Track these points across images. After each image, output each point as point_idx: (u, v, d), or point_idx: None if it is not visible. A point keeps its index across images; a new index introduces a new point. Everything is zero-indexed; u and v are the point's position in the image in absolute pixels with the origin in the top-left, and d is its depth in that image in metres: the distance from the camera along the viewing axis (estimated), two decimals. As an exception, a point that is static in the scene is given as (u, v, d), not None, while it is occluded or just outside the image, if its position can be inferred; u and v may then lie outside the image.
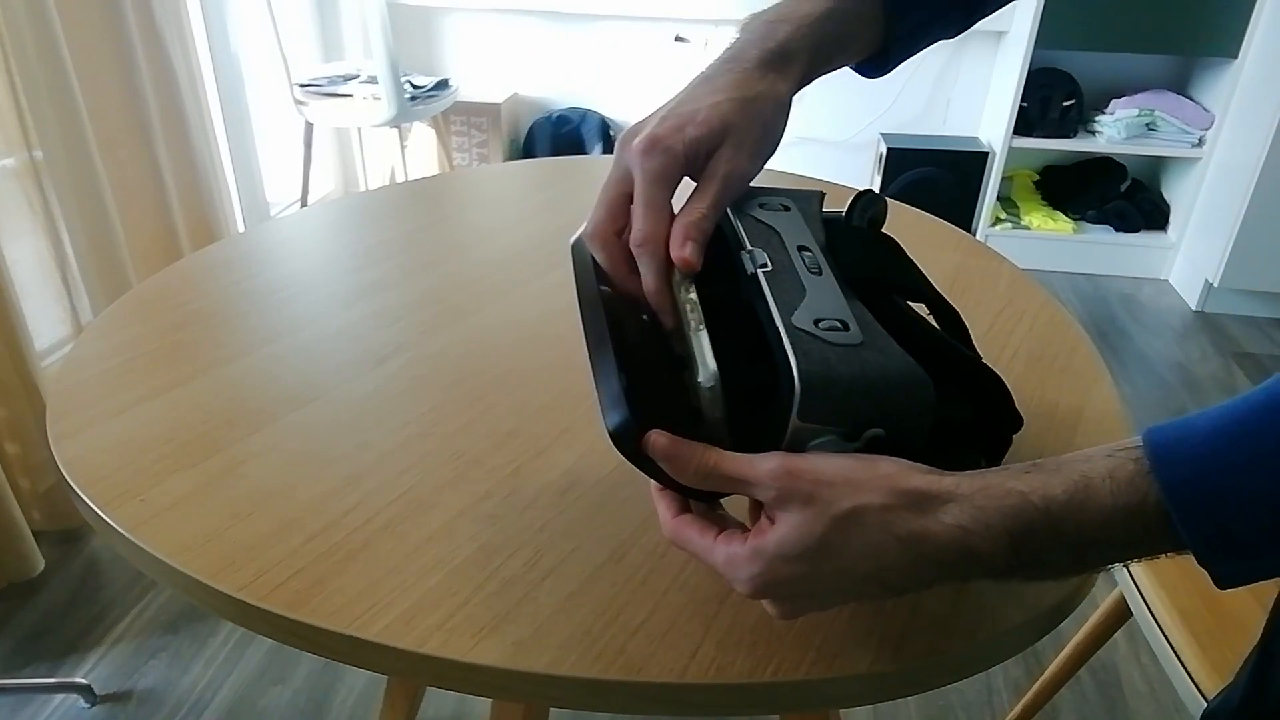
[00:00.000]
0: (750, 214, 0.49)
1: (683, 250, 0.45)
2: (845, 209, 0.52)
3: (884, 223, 0.53)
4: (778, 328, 0.42)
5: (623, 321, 0.46)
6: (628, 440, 0.42)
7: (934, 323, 0.51)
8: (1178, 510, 0.35)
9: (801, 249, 0.47)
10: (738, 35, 0.53)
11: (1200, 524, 0.35)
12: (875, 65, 0.58)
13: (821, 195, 0.52)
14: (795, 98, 0.53)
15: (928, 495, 0.38)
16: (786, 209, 0.50)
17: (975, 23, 0.61)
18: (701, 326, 0.43)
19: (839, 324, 0.43)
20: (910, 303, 0.51)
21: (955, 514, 0.38)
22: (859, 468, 0.39)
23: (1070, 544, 0.37)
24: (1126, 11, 2.40)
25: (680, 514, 0.44)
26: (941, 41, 0.61)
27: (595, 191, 0.49)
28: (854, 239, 0.50)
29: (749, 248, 0.47)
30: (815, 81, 0.54)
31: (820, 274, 0.45)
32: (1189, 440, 0.36)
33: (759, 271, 0.45)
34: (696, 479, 0.42)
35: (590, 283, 0.48)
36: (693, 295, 0.44)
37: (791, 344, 0.41)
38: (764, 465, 0.40)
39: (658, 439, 0.42)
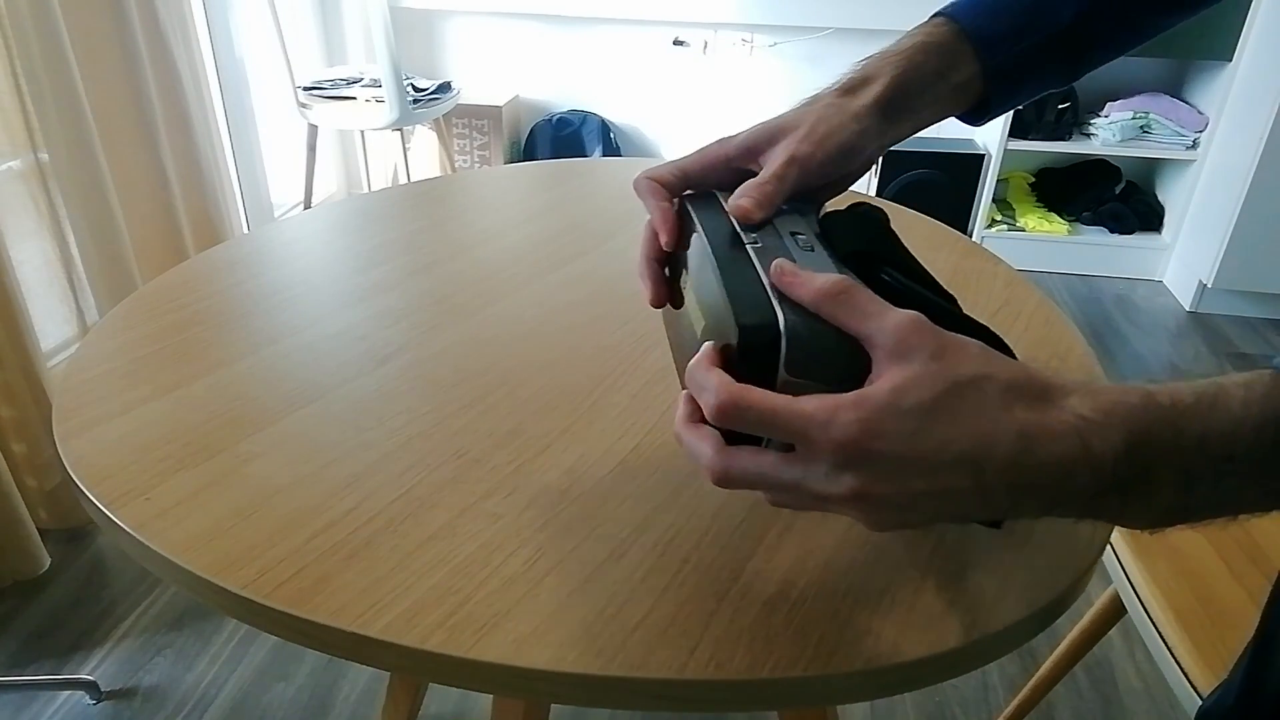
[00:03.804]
0: None
1: (739, 200, 0.48)
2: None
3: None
4: (764, 286, 0.42)
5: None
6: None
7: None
8: None
9: (794, 233, 0.47)
10: None
11: None
12: (978, 112, 0.59)
13: (819, 203, 0.52)
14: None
15: (1052, 386, 0.37)
16: (781, 209, 0.50)
17: (1084, 73, 0.60)
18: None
19: None
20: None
21: (1075, 404, 0.36)
22: (987, 348, 0.38)
23: (1187, 457, 0.35)
24: (1124, 14, 2.40)
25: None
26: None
27: (596, 193, 0.50)
28: (846, 220, 0.50)
29: (739, 229, 0.47)
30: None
31: (813, 251, 0.45)
32: None
33: (749, 246, 0.45)
34: (822, 298, 0.39)
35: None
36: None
37: (778, 300, 0.41)
38: (894, 316, 0.38)
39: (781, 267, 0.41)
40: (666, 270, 0.53)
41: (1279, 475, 0.35)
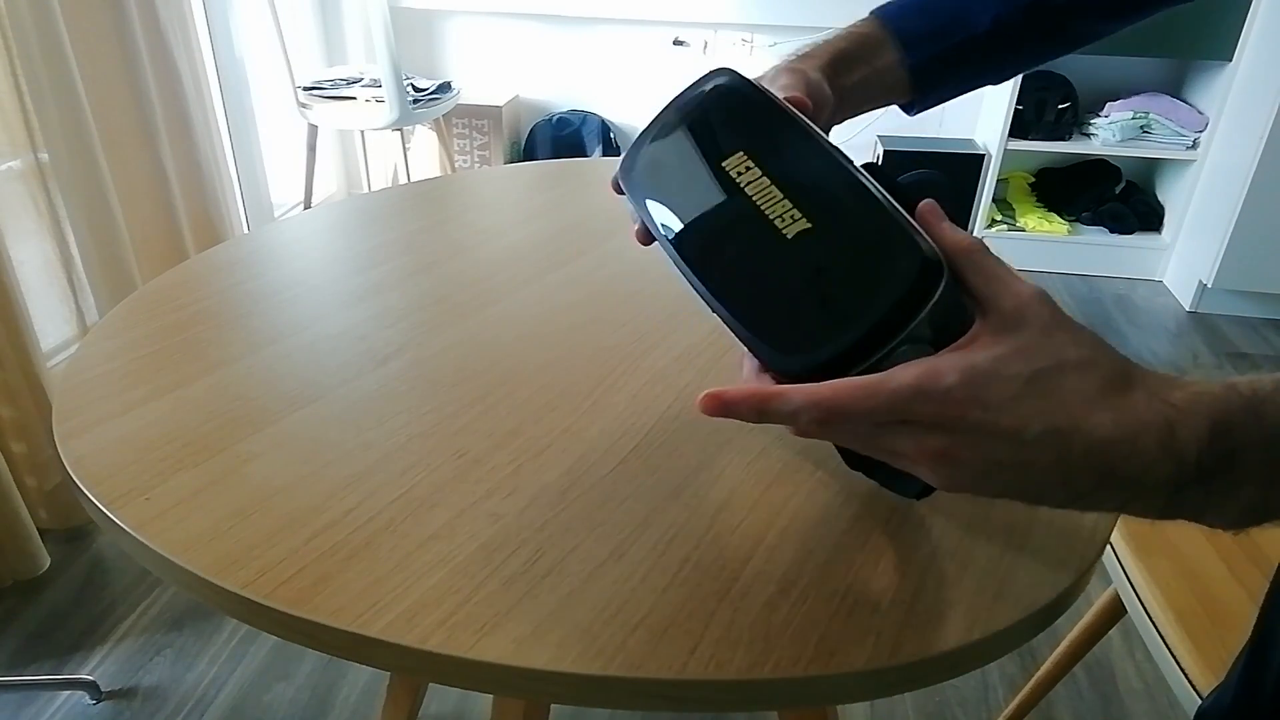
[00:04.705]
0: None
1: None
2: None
3: None
4: (900, 217, 0.39)
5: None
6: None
7: None
8: None
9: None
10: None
11: None
12: (910, 102, 0.62)
13: None
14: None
15: (1146, 375, 0.37)
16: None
17: (1013, 74, 0.64)
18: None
19: None
20: None
21: (1165, 388, 0.36)
22: (1096, 333, 0.38)
23: (1271, 446, 0.35)
24: (1124, 14, 2.41)
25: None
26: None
27: (596, 193, 0.50)
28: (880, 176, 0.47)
29: (833, 146, 0.44)
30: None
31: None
32: None
33: (852, 166, 0.42)
34: (960, 252, 0.39)
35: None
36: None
37: (920, 237, 0.39)
38: (1019, 285, 0.38)
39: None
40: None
41: None
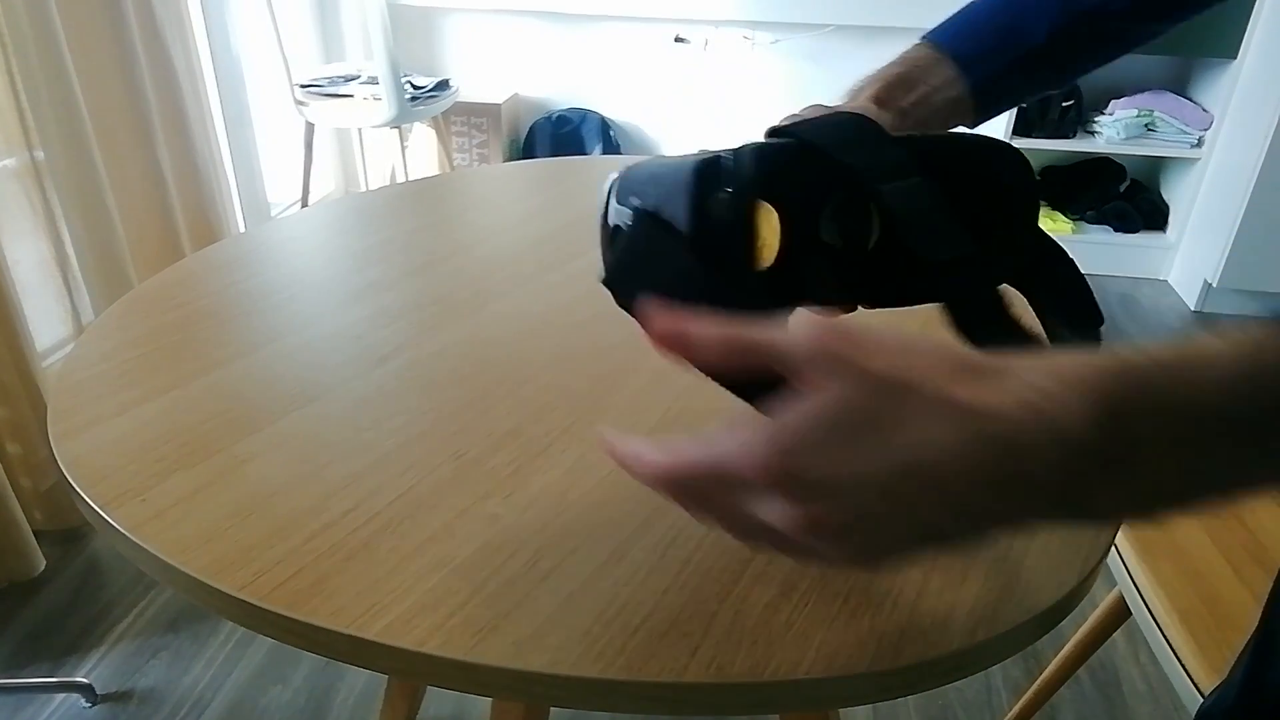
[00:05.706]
0: None
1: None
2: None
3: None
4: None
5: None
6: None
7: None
8: None
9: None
10: None
11: None
12: (973, 117, 0.62)
13: None
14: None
15: (989, 365, 0.31)
16: None
17: (1074, 79, 0.64)
18: None
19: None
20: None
21: (1028, 375, 0.30)
22: (912, 337, 0.32)
23: (1179, 417, 0.29)
24: (1126, 12, 2.41)
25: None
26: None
27: (595, 192, 0.49)
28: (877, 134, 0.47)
29: None
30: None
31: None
32: None
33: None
34: (716, 348, 0.35)
35: None
36: None
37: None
38: (800, 326, 0.33)
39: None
40: None
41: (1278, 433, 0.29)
